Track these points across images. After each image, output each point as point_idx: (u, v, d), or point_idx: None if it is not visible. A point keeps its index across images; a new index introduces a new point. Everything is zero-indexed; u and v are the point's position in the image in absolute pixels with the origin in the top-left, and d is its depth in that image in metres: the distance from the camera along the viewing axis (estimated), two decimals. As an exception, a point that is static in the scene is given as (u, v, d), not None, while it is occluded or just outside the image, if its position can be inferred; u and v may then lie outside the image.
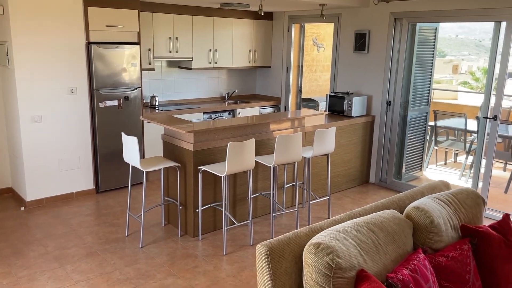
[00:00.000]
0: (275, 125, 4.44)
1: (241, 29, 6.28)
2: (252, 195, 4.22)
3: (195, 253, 3.67)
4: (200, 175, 3.77)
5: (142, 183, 4.07)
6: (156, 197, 4.90)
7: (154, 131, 5.34)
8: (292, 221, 4.36)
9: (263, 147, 4.32)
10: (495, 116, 4.36)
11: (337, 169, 5.21)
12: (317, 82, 7.64)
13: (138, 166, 3.65)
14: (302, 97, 7.12)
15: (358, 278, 1.85)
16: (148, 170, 3.65)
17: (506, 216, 2.56)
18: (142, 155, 5.28)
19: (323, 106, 5.95)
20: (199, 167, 3.76)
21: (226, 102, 6.39)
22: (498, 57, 4.31)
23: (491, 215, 4.47)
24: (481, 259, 2.36)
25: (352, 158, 5.36)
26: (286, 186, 4.59)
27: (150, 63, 5.47)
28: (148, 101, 5.83)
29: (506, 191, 5.37)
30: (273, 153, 4.07)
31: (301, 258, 1.97)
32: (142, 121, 5.22)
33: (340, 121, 5.10)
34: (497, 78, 4.30)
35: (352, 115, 5.29)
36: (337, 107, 5.46)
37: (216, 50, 6.06)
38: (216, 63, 6.10)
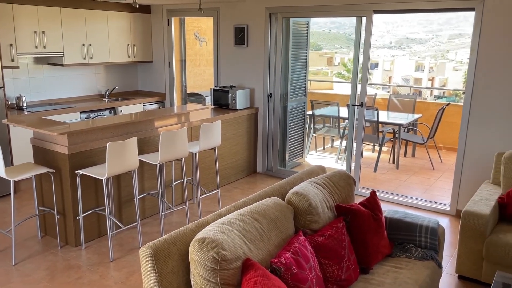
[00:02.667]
0: (160, 121, 4.32)
1: (117, 22, 5.96)
2: (138, 195, 4.06)
3: (78, 264, 3.41)
4: (78, 180, 3.50)
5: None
6: (30, 208, 4.43)
7: (23, 135, 4.81)
8: (183, 218, 4.31)
9: (148, 145, 4.18)
10: (362, 103, 4.81)
11: (225, 162, 5.27)
12: (202, 76, 7.63)
13: (3, 175, 3.26)
14: (188, 92, 7.05)
15: (243, 267, 1.90)
16: (15, 179, 3.28)
17: (373, 193, 2.85)
18: (10, 162, 4.73)
19: (209, 100, 5.96)
20: (76, 171, 3.49)
21: (106, 99, 6.04)
22: (362, 50, 4.75)
23: (363, 193, 4.95)
24: (354, 234, 2.59)
25: (239, 150, 5.48)
26: (175, 183, 4.51)
27: (13, 60, 4.89)
28: (14, 102, 5.22)
29: (375, 170, 5.99)
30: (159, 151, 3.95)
31: (188, 256, 1.95)
32: (7, 125, 4.67)
33: (225, 114, 5.16)
34: (362, 69, 4.75)
35: (237, 108, 5.39)
36: (222, 100, 5.52)
37: (90, 45, 5.66)
38: (91, 58, 5.71)
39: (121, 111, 5.84)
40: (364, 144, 6.96)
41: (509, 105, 3.93)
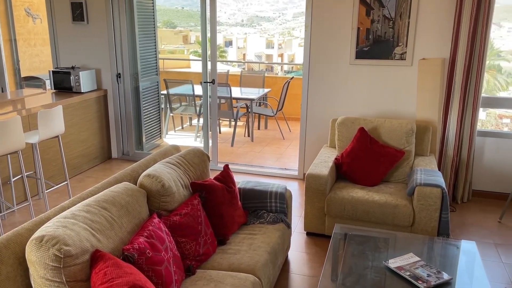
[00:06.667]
0: (-14, 111, 3.75)
1: None
2: (-33, 198, 3.50)
3: None
4: None
5: None
6: None
7: None
8: (28, 217, 3.87)
9: (-27, 139, 3.60)
10: (213, 80, 4.88)
11: (74, 150, 4.86)
12: (40, 57, 6.84)
13: None
14: (23, 75, 6.26)
15: (92, 260, 1.79)
16: None
17: (226, 166, 2.94)
18: None
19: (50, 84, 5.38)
20: None
21: None
22: (209, 27, 4.78)
23: (221, 167, 5.08)
24: (210, 208, 2.65)
25: (89, 136, 5.10)
26: (13, 180, 4.00)
27: None
28: None
29: (232, 145, 6.21)
30: (-13, 145, 3.44)
31: (25, 258, 1.76)
32: None
33: (69, 99, 4.72)
34: (210, 46, 4.79)
35: (82, 91, 4.98)
36: (64, 83, 5.03)
37: None
38: None
39: None
40: (221, 120, 7.13)
41: (337, 75, 4.41)
